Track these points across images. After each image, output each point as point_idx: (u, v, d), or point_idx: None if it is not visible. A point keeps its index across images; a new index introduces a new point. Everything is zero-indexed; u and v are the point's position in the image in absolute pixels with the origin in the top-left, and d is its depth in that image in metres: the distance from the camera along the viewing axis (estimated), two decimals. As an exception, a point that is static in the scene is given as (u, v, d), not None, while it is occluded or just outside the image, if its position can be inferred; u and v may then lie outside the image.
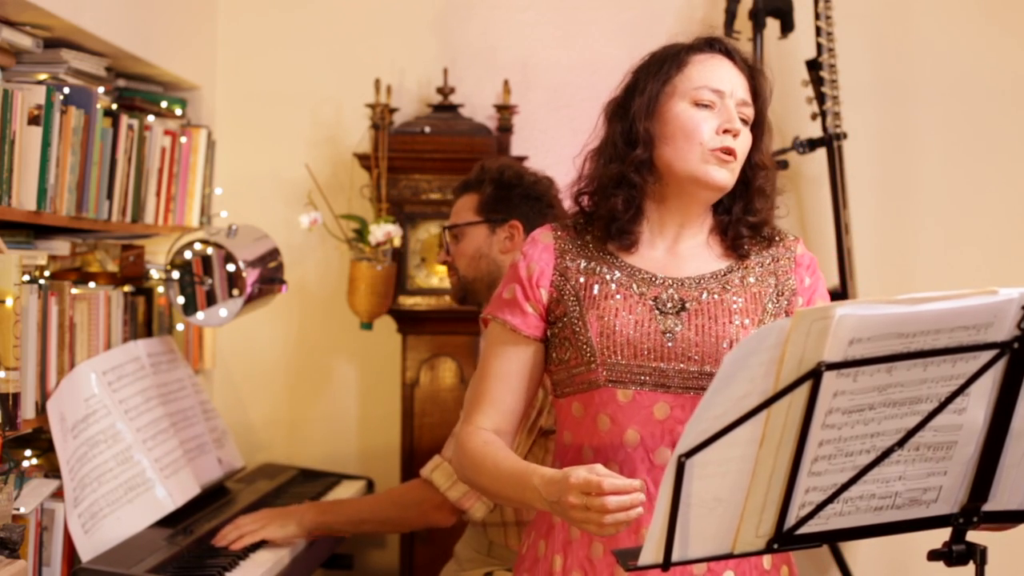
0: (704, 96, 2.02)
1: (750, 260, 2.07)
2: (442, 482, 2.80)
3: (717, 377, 1.52)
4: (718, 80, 2.03)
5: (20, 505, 2.46)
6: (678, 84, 2.04)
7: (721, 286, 2.03)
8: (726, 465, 1.58)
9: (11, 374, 2.44)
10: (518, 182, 2.98)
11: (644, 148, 2.03)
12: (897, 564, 3.80)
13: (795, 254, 2.09)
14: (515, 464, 1.97)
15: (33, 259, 2.68)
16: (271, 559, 2.85)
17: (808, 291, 2.07)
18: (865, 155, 3.82)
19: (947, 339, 1.54)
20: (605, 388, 1.99)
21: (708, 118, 2.01)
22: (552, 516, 2.06)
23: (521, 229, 2.94)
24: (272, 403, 3.94)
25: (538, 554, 2.09)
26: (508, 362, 2.07)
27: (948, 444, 1.64)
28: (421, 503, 2.84)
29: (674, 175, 2.03)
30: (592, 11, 3.87)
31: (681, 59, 2.06)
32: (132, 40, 3.13)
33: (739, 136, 2.02)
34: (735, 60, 2.07)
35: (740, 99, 2.04)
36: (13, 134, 2.54)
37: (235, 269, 3.17)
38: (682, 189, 2.04)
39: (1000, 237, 3.85)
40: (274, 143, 3.90)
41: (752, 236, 2.08)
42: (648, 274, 2.03)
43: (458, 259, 3.00)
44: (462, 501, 2.78)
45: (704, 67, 2.05)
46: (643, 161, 2.03)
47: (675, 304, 2.01)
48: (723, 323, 1.99)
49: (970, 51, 3.83)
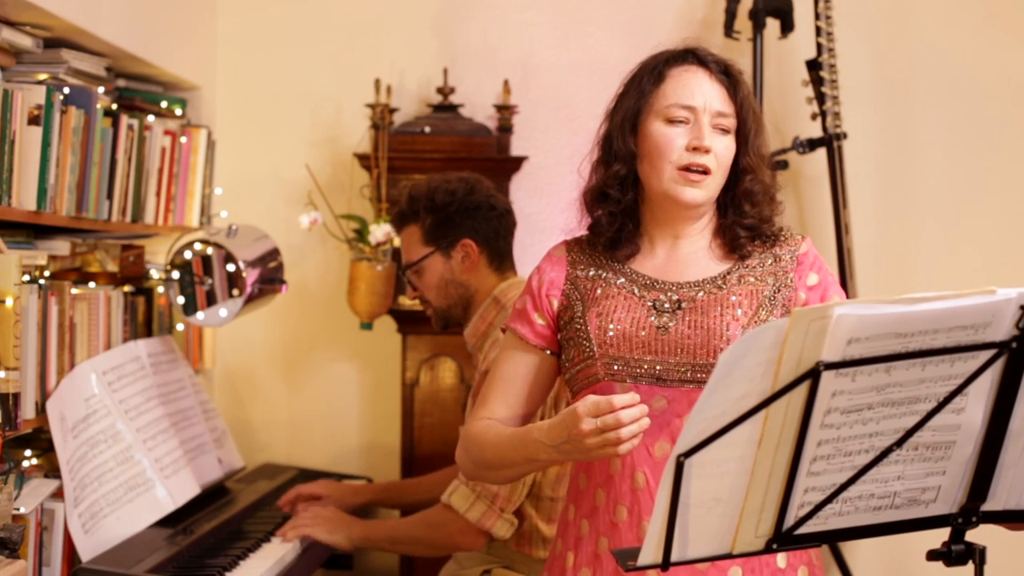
0: (676, 114, 2.06)
1: (751, 260, 2.10)
2: (460, 504, 2.80)
3: (714, 377, 1.52)
4: (689, 96, 2.06)
5: (20, 505, 2.46)
6: (654, 102, 2.08)
7: (718, 286, 2.06)
8: (725, 465, 1.58)
9: (11, 374, 2.44)
10: (451, 200, 2.96)
11: (622, 164, 2.09)
12: (897, 564, 3.80)
13: (798, 253, 2.11)
14: (515, 429, 2.06)
15: (33, 259, 2.68)
16: (271, 559, 2.85)
17: (818, 289, 2.08)
18: (865, 155, 3.82)
19: (945, 339, 1.54)
20: (605, 382, 2.04)
21: (680, 135, 2.05)
22: (568, 512, 2.11)
23: (473, 244, 2.95)
24: (272, 403, 3.95)
25: (556, 552, 2.15)
26: (515, 367, 2.14)
27: (947, 444, 1.64)
28: (446, 525, 2.84)
29: (652, 191, 2.09)
30: (592, 11, 3.87)
31: (658, 73, 2.09)
32: (132, 40, 3.13)
33: (710, 152, 2.05)
34: (710, 70, 2.09)
35: (716, 111, 2.07)
36: (13, 134, 2.54)
37: (235, 269, 3.18)
38: (660, 204, 2.10)
39: (1000, 237, 3.85)
40: (274, 143, 3.90)
41: (750, 237, 2.10)
42: (649, 279, 2.09)
43: (426, 292, 3.03)
44: (483, 521, 2.78)
45: (678, 83, 2.07)
46: (623, 176, 2.09)
47: (672, 304, 2.05)
48: (715, 316, 2.02)
49: (970, 51, 3.83)
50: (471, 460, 2.13)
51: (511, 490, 2.77)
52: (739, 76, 2.10)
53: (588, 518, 2.07)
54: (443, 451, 3.54)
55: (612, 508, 2.03)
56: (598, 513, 2.05)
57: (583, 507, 2.09)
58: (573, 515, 2.11)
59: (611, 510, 2.03)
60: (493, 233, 2.98)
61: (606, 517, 2.04)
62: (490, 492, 2.77)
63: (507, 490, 2.76)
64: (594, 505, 2.06)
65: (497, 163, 3.70)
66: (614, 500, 2.03)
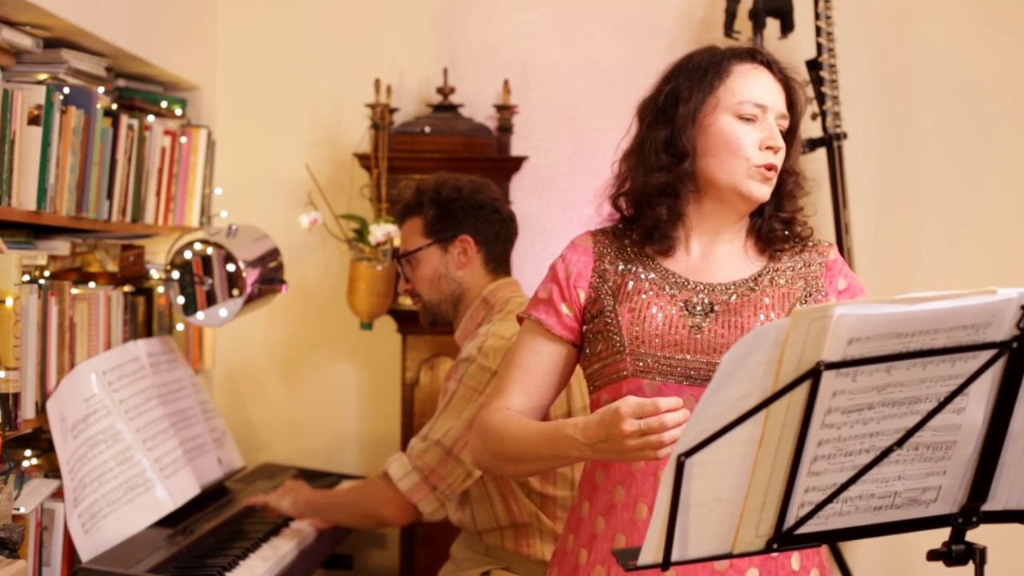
0: (748, 110, 2.05)
1: (782, 263, 2.10)
2: (396, 472, 2.78)
3: (716, 377, 1.52)
4: (760, 95, 2.06)
5: (20, 505, 2.46)
6: (722, 96, 2.06)
7: (750, 288, 2.06)
8: (725, 465, 1.58)
9: (11, 374, 2.44)
10: (457, 196, 2.96)
11: (691, 161, 2.06)
12: (897, 564, 3.80)
13: (827, 260, 2.12)
14: (542, 424, 2.01)
15: (33, 259, 2.68)
16: (271, 559, 2.86)
17: (847, 294, 2.10)
18: (865, 155, 3.82)
19: (946, 339, 1.54)
20: (632, 379, 2.02)
21: (751, 132, 2.05)
22: (581, 508, 2.10)
23: (472, 242, 2.95)
24: (272, 403, 3.95)
25: (567, 548, 2.12)
26: (536, 356, 2.10)
27: (947, 444, 1.64)
28: (376, 493, 2.84)
29: (715, 186, 2.07)
30: (592, 11, 3.87)
31: (724, 68, 2.07)
32: (132, 40, 3.13)
33: (780, 150, 2.06)
34: (774, 72, 2.10)
35: (780, 112, 2.08)
36: (13, 134, 2.54)
37: (235, 269, 3.18)
38: (722, 199, 2.07)
39: (1000, 237, 3.85)
40: (274, 143, 3.90)
41: (785, 232, 2.11)
42: (681, 278, 2.07)
43: (418, 285, 3.01)
44: (412, 493, 2.76)
45: (747, 79, 2.07)
46: (689, 172, 2.06)
47: (704, 308, 2.04)
48: (748, 316, 2.02)
49: (970, 51, 3.83)
50: (488, 451, 2.08)
51: (450, 470, 2.75)
52: (798, 82, 2.13)
53: (604, 515, 2.05)
54: (443, 451, 3.53)
55: (632, 506, 2.01)
56: (616, 510, 2.03)
57: (599, 504, 2.06)
58: (587, 511, 2.08)
59: (631, 507, 2.01)
60: (493, 235, 2.98)
61: (625, 515, 2.02)
62: (427, 466, 2.75)
63: (446, 469, 2.75)
64: (612, 502, 2.04)
65: (497, 163, 3.70)
66: (634, 498, 2.01)
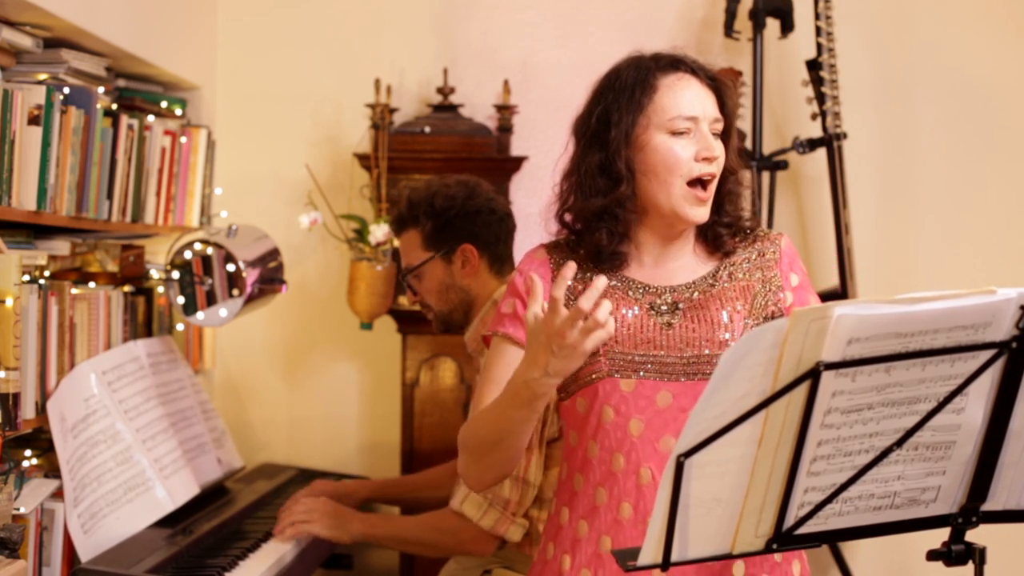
0: (680, 125, 2.04)
1: (736, 256, 2.11)
2: (473, 513, 2.76)
3: (715, 377, 1.52)
4: (690, 107, 2.04)
5: (20, 505, 2.46)
6: (652, 114, 2.04)
7: (710, 284, 2.07)
8: (725, 465, 1.58)
9: (11, 374, 2.44)
10: (451, 204, 2.93)
11: (627, 184, 2.05)
12: (897, 564, 3.80)
13: (780, 248, 2.12)
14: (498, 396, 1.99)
15: (33, 259, 2.68)
16: (271, 559, 2.85)
17: (800, 291, 2.10)
18: (865, 155, 3.82)
19: (945, 339, 1.55)
20: (608, 379, 2.02)
21: (687, 146, 2.04)
22: (560, 516, 2.09)
23: (474, 249, 2.93)
24: (272, 403, 3.95)
25: (547, 557, 2.11)
26: (509, 369, 2.04)
27: (947, 444, 1.64)
28: (457, 532, 2.80)
29: (656, 208, 2.06)
30: (592, 11, 3.87)
31: (650, 84, 2.05)
32: (132, 40, 3.13)
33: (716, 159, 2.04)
34: (701, 77, 2.07)
35: (712, 118, 2.06)
36: (13, 134, 2.54)
37: (235, 269, 3.18)
38: (663, 219, 2.07)
39: (999, 237, 3.85)
40: (274, 143, 3.90)
41: (730, 234, 2.11)
42: (642, 284, 2.08)
43: (426, 297, 3.01)
44: (496, 528, 2.75)
45: (674, 93, 2.05)
46: (627, 195, 2.05)
47: (669, 307, 2.05)
48: (715, 309, 2.03)
49: (970, 51, 3.83)
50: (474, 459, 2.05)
51: (521, 494, 2.74)
52: (724, 81, 2.10)
53: (587, 519, 2.05)
54: (443, 451, 3.53)
55: (616, 506, 2.01)
56: (599, 513, 2.03)
57: (580, 508, 2.06)
58: (567, 517, 2.07)
59: (615, 508, 2.01)
60: (493, 237, 2.97)
61: (609, 516, 2.02)
62: (502, 498, 2.74)
63: (517, 494, 2.74)
64: (594, 505, 2.04)
65: (497, 163, 3.70)
66: (618, 497, 2.01)
